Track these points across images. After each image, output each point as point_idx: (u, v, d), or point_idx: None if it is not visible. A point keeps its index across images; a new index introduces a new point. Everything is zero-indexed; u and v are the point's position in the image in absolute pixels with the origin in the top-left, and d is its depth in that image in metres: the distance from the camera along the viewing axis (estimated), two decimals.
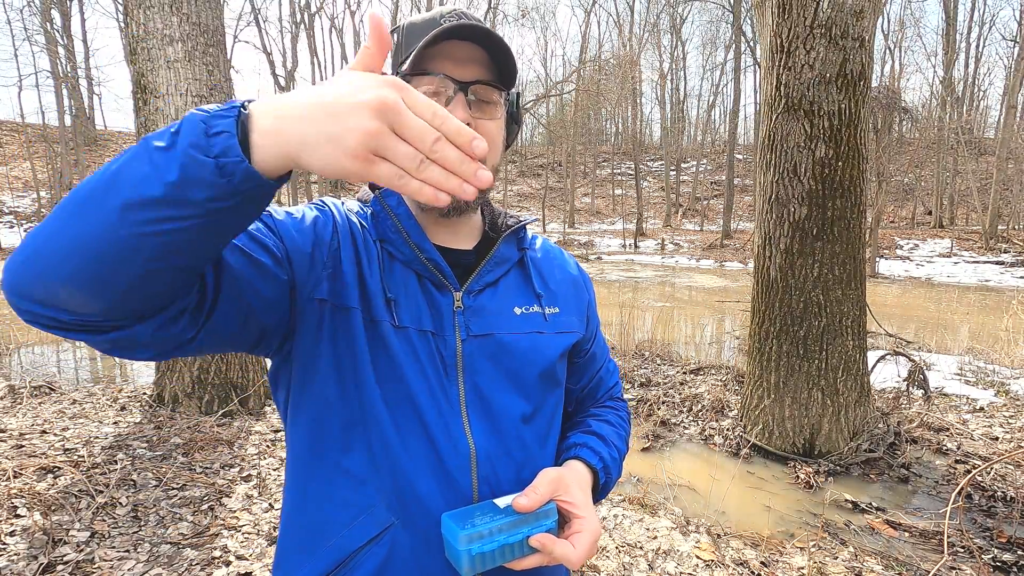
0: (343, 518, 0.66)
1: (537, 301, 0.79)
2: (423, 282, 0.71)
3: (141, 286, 0.46)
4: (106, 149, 30.71)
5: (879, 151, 13.56)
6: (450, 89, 0.67)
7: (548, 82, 38.17)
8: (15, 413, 3.77)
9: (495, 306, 0.75)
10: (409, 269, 0.71)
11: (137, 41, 3.79)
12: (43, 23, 24.44)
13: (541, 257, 0.85)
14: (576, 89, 23.28)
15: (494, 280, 0.76)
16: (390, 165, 0.41)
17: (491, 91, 0.70)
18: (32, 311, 0.47)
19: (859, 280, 3.55)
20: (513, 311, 0.76)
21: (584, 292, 0.89)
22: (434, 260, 0.71)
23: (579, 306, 0.86)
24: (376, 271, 0.70)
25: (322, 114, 0.41)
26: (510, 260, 0.79)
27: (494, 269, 0.76)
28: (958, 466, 3.45)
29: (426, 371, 0.68)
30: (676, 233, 27.67)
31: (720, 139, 42.53)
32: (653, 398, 4.68)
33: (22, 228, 22.00)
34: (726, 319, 9.58)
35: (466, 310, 0.72)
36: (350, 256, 0.69)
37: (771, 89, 3.57)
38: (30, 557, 2.14)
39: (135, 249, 0.43)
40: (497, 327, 0.73)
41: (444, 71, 0.67)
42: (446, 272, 0.71)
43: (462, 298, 0.72)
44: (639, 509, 2.89)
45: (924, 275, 17.09)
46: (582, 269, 0.91)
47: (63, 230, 0.44)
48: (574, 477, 0.72)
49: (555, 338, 0.79)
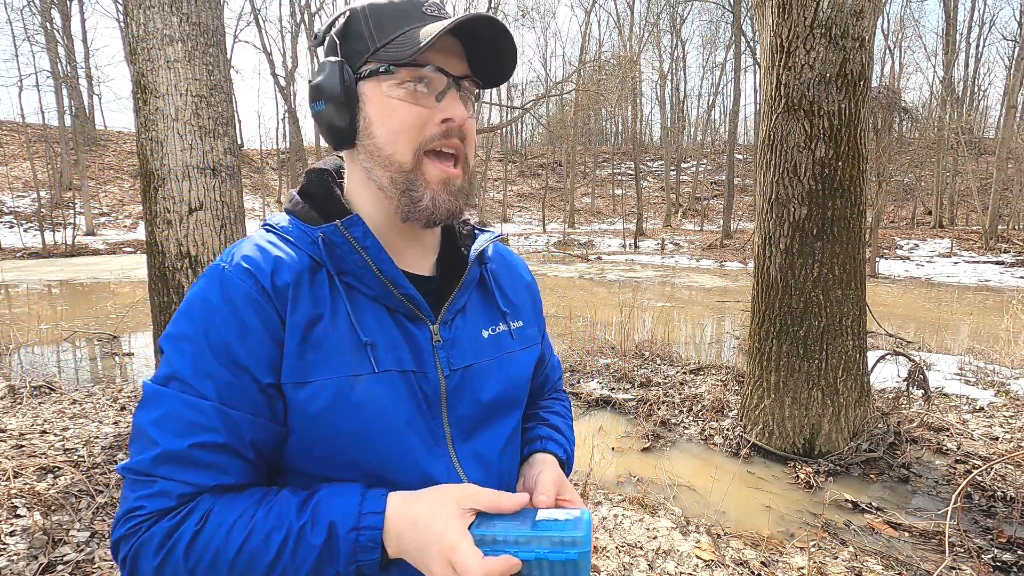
0: None
1: (503, 319, 0.76)
2: (395, 316, 0.66)
3: None
4: (106, 149, 30.72)
5: (879, 151, 13.56)
6: (443, 83, 0.64)
7: (548, 82, 38.17)
8: (15, 413, 3.77)
9: (468, 333, 0.71)
10: (378, 304, 0.65)
11: (137, 41, 3.80)
12: (43, 23, 24.43)
13: (498, 268, 0.81)
14: (576, 89, 23.26)
15: (463, 305, 0.72)
16: None
17: (474, 87, 0.68)
18: None
19: (859, 280, 3.55)
20: (482, 334, 0.73)
21: (537, 297, 0.87)
22: (410, 295, 0.65)
23: (536, 314, 0.85)
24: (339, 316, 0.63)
25: (420, 557, 0.55)
26: (474, 279, 0.74)
27: (462, 293, 0.72)
28: (958, 466, 3.45)
29: (412, 413, 0.64)
30: (676, 233, 27.67)
31: (720, 139, 42.53)
32: (653, 398, 4.68)
33: (22, 228, 22.01)
34: (726, 319, 9.58)
35: (445, 343, 0.68)
36: (300, 323, 0.61)
37: (771, 89, 3.57)
38: (30, 557, 2.14)
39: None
40: (474, 356, 0.70)
41: (435, 63, 0.63)
42: (422, 307, 0.66)
43: (439, 330, 0.68)
44: (639, 509, 2.89)
45: (924, 275, 17.09)
46: (527, 267, 0.89)
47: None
48: (560, 473, 0.73)
49: (524, 355, 0.78)
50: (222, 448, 0.58)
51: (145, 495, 0.56)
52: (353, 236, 0.63)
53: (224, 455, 0.58)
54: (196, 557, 0.55)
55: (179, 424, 0.57)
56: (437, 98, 0.64)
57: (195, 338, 0.59)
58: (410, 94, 0.63)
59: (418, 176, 0.64)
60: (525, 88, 41.89)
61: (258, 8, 25.93)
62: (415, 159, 0.64)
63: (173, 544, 0.55)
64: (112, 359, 6.26)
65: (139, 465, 0.57)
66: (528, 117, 31.25)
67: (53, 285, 12.87)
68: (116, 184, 28.02)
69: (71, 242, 19.95)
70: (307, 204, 0.69)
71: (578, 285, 14.40)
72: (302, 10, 28.28)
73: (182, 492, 0.56)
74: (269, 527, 0.56)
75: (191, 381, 0.58)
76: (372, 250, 0.63)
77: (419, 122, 0.63)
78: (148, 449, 0.57)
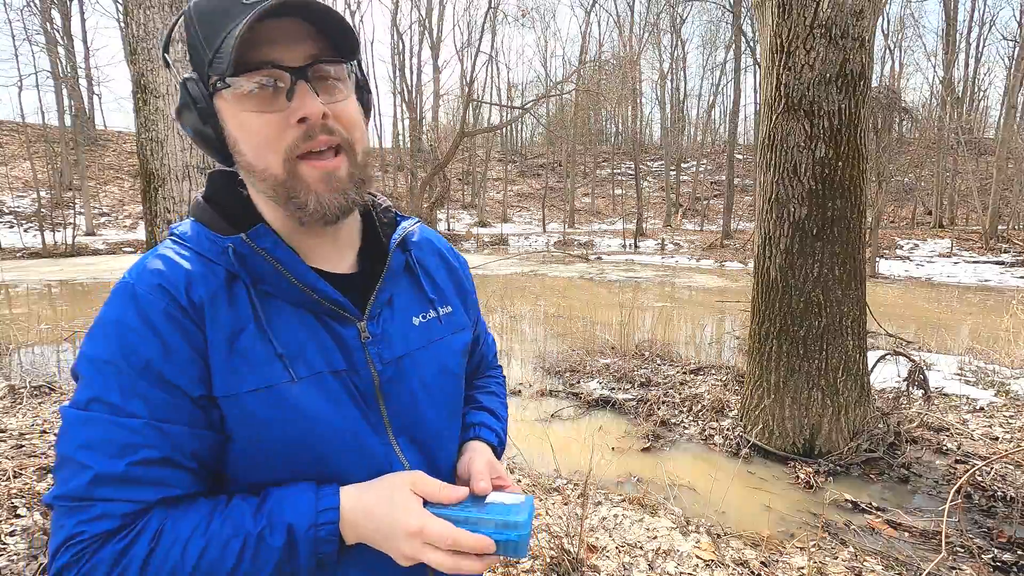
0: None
1: (431, 305, 0.76)
2: (321, 318, 0.65)
3: None
4: (106, 149, 30.72)
5: (879, 151, 13.56)
6: (286, 80, 0.58)
7: (548, 82, 38.17)
8: (15, 413, 3.77)
9: (396, 324, 0.71)
10: (303, 309, 0.64)
11: (137, 41, 3.79)
12: (43, 23, 24.44)
13: (425, 254, 0.80)
14: (576, 89, 23.27)
15: (388, 297, 0.71)
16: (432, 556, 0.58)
17: (333, 67, 0.61)
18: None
19: (859, 280, 3.55)
20: (412, 322, 0.73)
21: (464, 280, 0.86)
22: (330, 296, 0.64)
23: (464, 297, 0.84)
24: (260, 327, 0.61)
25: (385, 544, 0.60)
26: (399, 266, 0.73)
27: (387, 285, 0.71)
28: (958, 466, 3.45)
29: (350, 411, 0.64)
30: (676, 233, 27.67)
31: (720, 139, 42.52)
32: (653, 398, 4.68)
33: (22, 228, 22.01)
34: (726, 319, 9.58)
35: (373, 339, 0.67)
36: (221, 337, 0.60)
37: (771, 89, 3.57)
38: (30, 557, 2.14)
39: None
40: (404, 347, 0.70)
41: (271, 59, 0.57)
42: (346, 306, 0.65)
43: (367, 327, 0.67)
44: (639, 509, 2.89)
45: (924, 275, 17.08)
46: (456, 252, 0.87)
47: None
48: (491, 458, 0.76)
49: (454, 339, 0.78)
50: (162, 462, 0.56)
51: (85, 520, 0.54)
52: (262, 247, 0.61)
53: (166, 468, 0.57)
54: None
55: (112, 447, 0.54)
56: (287, 97, 0.58)
57: (116, 361, 0.56)
58: (258, 101, 0.58)
59: (296, 182, 0.60)
60: (525, 88, 41.92)
61: None
62: (286, 168, 0.60)
63: (125, 566, 0.53)
64: None
65: (74, 491, 0.54)
66: (528, 117, 31.26)
67: (53, 285, 12.87)
68: (116, 184, 28.02)
69: (71, 242, 19.96)
70: (214, 211, 0.65)
71: (578, 285, 14.41)
72: None
73: (126, 511, 0.55)
74: (226, 536, 0.56)
75: (118, 403, 0.55)
76: (284, 259, 0.61)
77: (276, 131, 0.59)
78: (80, 474, 0.54)
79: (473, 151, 36.41)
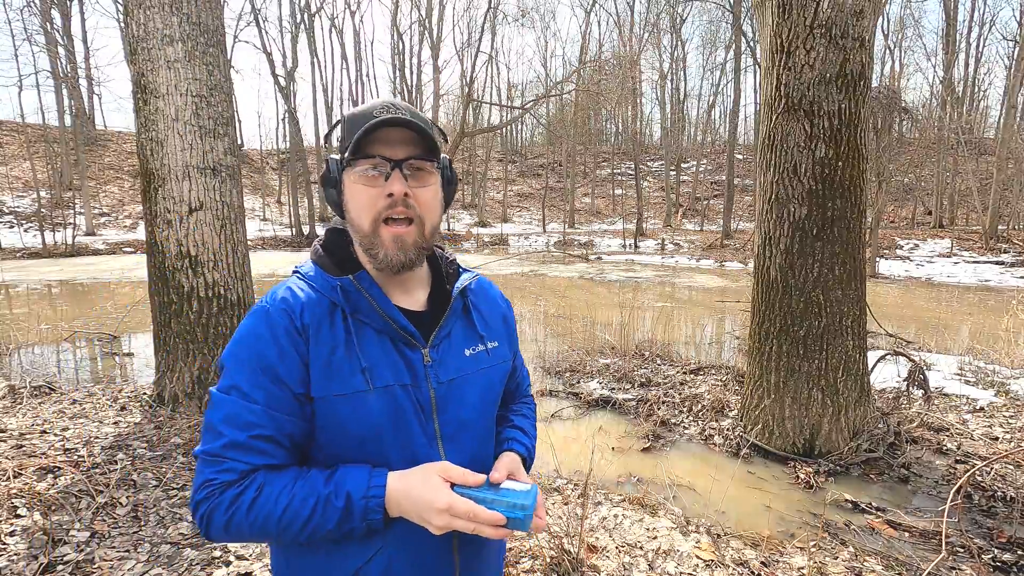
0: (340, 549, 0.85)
1: (481, 341, 0.97)
2: (396, 344, 0.87)
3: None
4: (106, 149, 30.71)
5: (879, 151, 13.56)
6: (387, 167, 0.83)
7: (548, 82, 38.12)
8: (15, 413, 3.77)
9: (452, 354, 0.92)
10: (383, 335, 0.87)
11: (137, 41, 3.79)
12: (43, 23, 24.41)
13: (479, 298, 1.02)
14: (576, 89, 23.25)
15: (448, 332, 0.93)
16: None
17: (422, 163, 0.86)
18: (221, 540, 0.82)
19: (859, 280, 3.55)
20: (464, 353, 0.94)
21: (511, 322, 1.09)
22: (405, 328, 0.87)
23: (509, 337, 1.06)
24: (351, 347, 0.84)
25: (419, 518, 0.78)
26: (458, 310, 0.96)
27: (448, 322, 0.93)
28: (958, 466, 3.45)
29: (411, 416, 0.86)
30: (676, 233, 27.66)
31: (720, 139, 42.51)
32: (653, 398, 4.68)
33: (22, 228, 22.01)
34: (726, 319, 9.58)
35: (433, 363, 0.89)
36: (321, 353, 0.83)
37: (771, 89, 3.57)
38: (30, 557, 2.15)
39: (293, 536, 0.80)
40: (457, 372, 0.91)
41: (380, 153, 0.83)
42: (415, 335, 0.88)
43: (429, 353, 0.89)
44: (639, 509, 2.89)
45: (924, 275, 17.08)
46: (505, 299, 1.11)
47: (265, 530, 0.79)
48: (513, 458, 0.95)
49: (497, 369, 0.99)
50: (269, 439, 0.80)
51: (216, 471, 0.79)
52: (362, 286, 0.86)
53: (271, 444, 0.80)
54: (254, 515, 0.78)
55: (239, 422, 0.79)
56: (385, 179, 0.83)
57: (249, 361, 0.81)
58: (365, 179, 0.85)
59: (376, 239, 0.85)
60: (525, 88, 41.89)
61: (258, 8, 25.91)
62: (373, 227, 0.85)
63: (238, 506, 0.78)
64: (112, 359, 6.26)
65: (212, 450, 0.79)
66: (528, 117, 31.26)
67: (53, 285, 12.87)
68: (116, 184, 28.01)
69: (71, 242, 19.95)
70: (327, 257, 0.91)
71: (578, 285, 14.40)
72: (302, 10, 28.28)
73: (242, 469, 0.79)
74: (304, 494, 0.78)
75: (247, 391, 0.80)
76: (376, 296, 0.86)
77: (371, 199, 0.84)
78: (218, 439, 0.79)
79: (473, 151, 36.42)
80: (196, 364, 3.94)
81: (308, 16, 28.25)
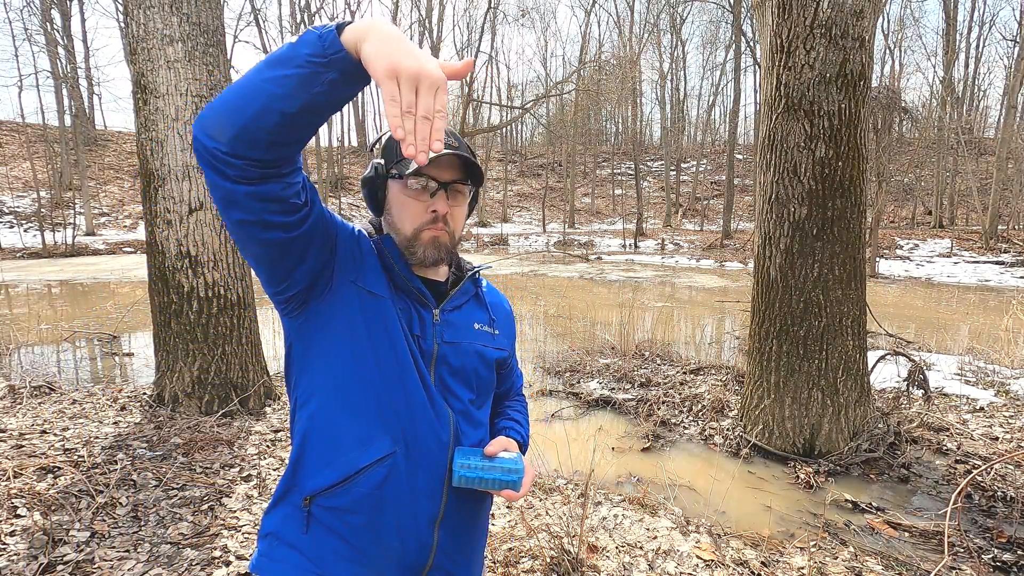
0: (360, 442, 0.91)
1: (490, 323, 1.11)
2: (411, 301, 1.00)
3: (277, 129, 0.72)
4: (106, 149, 30.70)
5: (879, 151, 13.56)
6: (434, 187, 0.96)
7: (548, 82, 38.12)
8: (15, 413, 3.77)
9: (461, 322, 1.05)
10: (401, 291, 0.99)
11: (137, 41, 3.79)
12: (43, 23, 24.40)
13: (488, 296, 1.16)
14: (576, 89, 23.26)
15: (459, 304, 1.06)
16: (393, 91, 0.63)
17: (462, 187, 1.00)
18: (205, 144, 0.74)
19: (859, 280, 3.55)
20: (473, 326, 1.07)
21: (514, 324, 1.22)
22: (419, 288, 1.00)
23: (510, 335, 1.19)
24: (390, 285, 0.98)
25: (404, 44, 0.66)
26: (470, 293, 1.10)
27: (460, 297, 1.06)
28: (958, 466, 3.45)
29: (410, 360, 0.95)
30: (676, 233, 27.66)
31: (720, 139, 42.51)
32: (653, 398, 4.68)
33: (22, 228, 22.00)
34: (726, 319, 9.58)
35: (441, 323, 1.01)
36: (376, 265, 0.98)
37: (771, 89, 3.57)
38: (30, 557, 2.15)
39: (268, 93, 0.70)
40: (461, 337, 1.03)
41: (432, 174, 0.96)
42: (427, 296, 1.00)
43: (439, 314, 1.01)
44: (639, 509, 2.89)
45: (924, 275, 17.08)
46: (508, 301, 1.24)
47: (239, 90, 0.72)
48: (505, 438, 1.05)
49: (495, 352, 1.10)
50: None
51: None
52: (386, 248, 1.00)
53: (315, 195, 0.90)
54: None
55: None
56: (431, 195, 0.97)
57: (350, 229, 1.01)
58: (413, 193, 0.97)
59: (416, 242, 0.99)
60: (525, 88, 41.90)
61: (258, 8, 25.92)
62: (413, 233, 0.98)
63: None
64: (112, 359, 6.26)
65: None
66: (528, 117, 31.26)
67: (53, 285, 12.87)
68: (116, 184, 28.01)
69: (71, 242, 19.94)
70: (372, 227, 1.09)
71: (578, 285, 14.40)
72: (302, 10, 28.28)
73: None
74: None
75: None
76: (396, 259, 0.99)
77: (416, 212, 0.98)
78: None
79: (473, 151, 36.36)
80: (196, 364, 3.94)
81: (308, 16, 28.26)
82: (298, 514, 0.93)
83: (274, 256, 0.86)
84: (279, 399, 4.41)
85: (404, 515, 0.92)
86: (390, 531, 0.92)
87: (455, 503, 0.97)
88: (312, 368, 0.95)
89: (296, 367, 0.98)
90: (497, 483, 0.93)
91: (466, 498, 0.99)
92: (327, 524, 0.91)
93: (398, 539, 0.92)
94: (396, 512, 0.92)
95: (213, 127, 0.73)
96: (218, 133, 0.73)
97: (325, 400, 0.94)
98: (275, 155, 0.75)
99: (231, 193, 0.77)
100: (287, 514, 0.94)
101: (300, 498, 0.93)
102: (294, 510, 0.93)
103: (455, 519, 0.98)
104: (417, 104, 0.64)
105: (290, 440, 1.22)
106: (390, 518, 0.92)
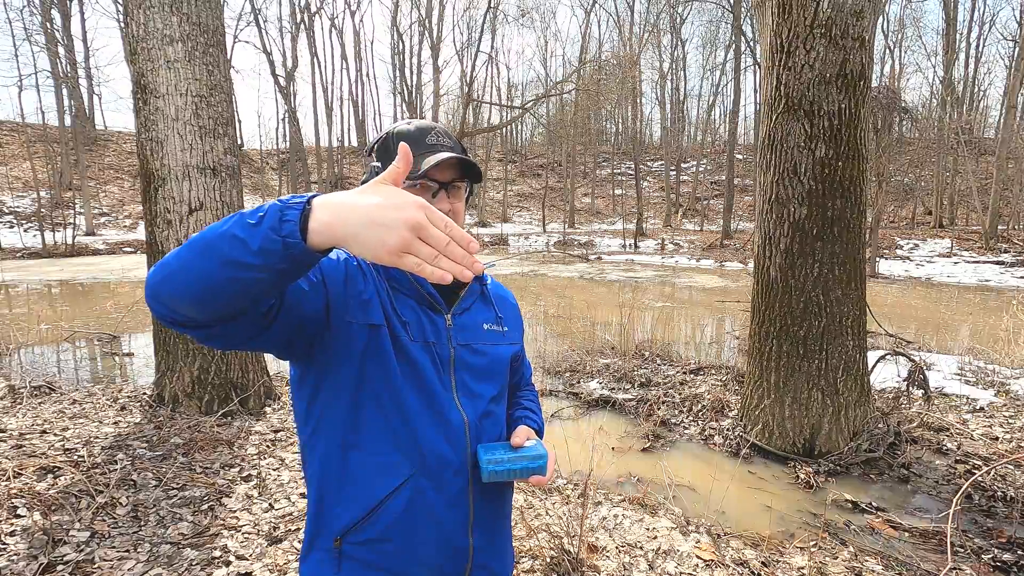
0: (377, 471, 0.92)
1: (498, 322, 1.13)
2: (423, 307, 1.00)
3: (228, 307, 0.70)
4: (106, 149, 30.70)
5: (879, 151, 13.56)
6: (435, 188, 0.99)
7: (548, 82, 38.11)
8: (15, 413, 3.77)
9: (471, 323, 1.07)
10: (411, 298, 1.00)
11: (137, 41, 3.79)
12: (43, 23, 24.41)
13: (493, 292, 1.18)
14: (576, 89, 23.26)
15: (468, 306, 1.08)
16: (413, 257, 0.62)
17: (460, 184, 1.02)
18: (160, 312, 0.72)
19: (859, 280, 3.55)
20: (483, 327, 1.08)
21: (520, 317, 1.25)
22: (432, 294, 1.01)
23: (518, 328, 1.22)
24: (389, 301, 0.97)
25: (372, 224, 0.62)
26: (476, 292, 1.11)
27: (468, 298, 1.08)
28: (958, 466, 3.45)
29: (433, 369, 0.97)
30: (676, 233, 27.66)
31: (720, 139, 42.48)
32: (653, 398, 4.68)
33: (22, 228, 22.00)
34: (726, 319, 9.58)
35: (454, 327, 1.03)
36: (373, 289, 0.96)
37: (771, 89, 3.57)
38: (30, 557, 2.14)
39: (226, 288, 0.67)
40: (473, 339, 1.05)
41: (433, 176, 0.98)
42: (440, 302, 1.02)
43: (451, 319, 1.03)
44: (639, 509, 2.89)
45: (924, 275, 17.08)
46: (514, 297, 1.26)
47: (187, 267, 0.67)
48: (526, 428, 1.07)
49: (507, 348, 1.13)
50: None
51: None
52: None
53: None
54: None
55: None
56: (432, 196, 0.98)
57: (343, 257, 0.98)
58: (414, 191, 0.97)
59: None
60: (525, 88, 41.89)
61: (258, 8, 25.93)
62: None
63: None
64: (112, 359, 6.26)
65: None
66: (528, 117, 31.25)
67: (53, 285, 12.86)
68: (116, 184, 28.01)
69: (71, 242, 19.93)
70: None
71: (578, 285, 14.40)
72: (302, 10, 28.28)
73: None
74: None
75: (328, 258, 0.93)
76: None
77: None
78: None
79: (473, 151, 36.38)
80: (196, 364, 3.94)
81: (308, 16, 28.26)
82: (329, 557, 0.93)
83: (269, 347, 0.88)
84: (279, 399, 4.41)
85: (437, 529, 0.94)
86: (427, 548, 0.94)
87: (482, 502, 1.00)
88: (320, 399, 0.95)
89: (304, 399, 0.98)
90: (526, 471, 0.97)
91: (491, 495, 1.02)
92: (361, 559, 0.92)
93: (436, 552, 0.94)
94: (428, 529, 0.93)
95: (161, 282, 0.70)
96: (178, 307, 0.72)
97: (335, 434, 0.94)
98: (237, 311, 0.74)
99: (201, 337, 0.77)
100: (319, 559, 0.95)
101: (330, 540, 0.93)
102: (325, 554, 0.94)
103: (485, 517, 1.01)
104: (434, 244, 0.62)
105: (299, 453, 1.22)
106: (424, 535, 0.93)
